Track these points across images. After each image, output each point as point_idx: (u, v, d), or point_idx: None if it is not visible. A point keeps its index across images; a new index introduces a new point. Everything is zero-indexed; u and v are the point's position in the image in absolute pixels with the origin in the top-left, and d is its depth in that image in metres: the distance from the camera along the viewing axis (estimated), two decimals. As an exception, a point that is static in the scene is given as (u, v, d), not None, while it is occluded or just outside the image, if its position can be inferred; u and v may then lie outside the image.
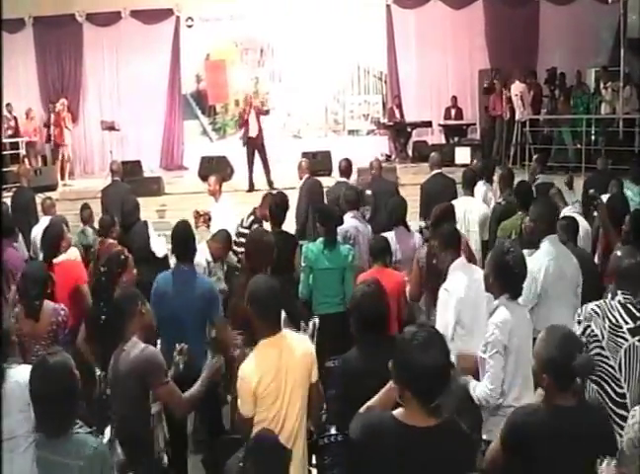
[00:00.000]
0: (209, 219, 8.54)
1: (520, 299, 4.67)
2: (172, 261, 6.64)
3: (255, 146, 15.79)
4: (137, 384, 4.32)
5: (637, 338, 4.31)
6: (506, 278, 4.49)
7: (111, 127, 17.60)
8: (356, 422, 3.28)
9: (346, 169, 9.90)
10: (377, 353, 3.73)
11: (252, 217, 8.22)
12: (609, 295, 4.57)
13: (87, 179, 18.53)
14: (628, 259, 4.55)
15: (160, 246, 8.24)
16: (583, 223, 7.34)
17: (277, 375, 4.08)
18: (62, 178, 17.37)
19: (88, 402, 4.66)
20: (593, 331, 4.36)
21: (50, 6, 18.55)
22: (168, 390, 4.40)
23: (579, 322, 4.43)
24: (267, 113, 16.54)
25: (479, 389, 4.48)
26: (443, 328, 5.15)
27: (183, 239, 5.95)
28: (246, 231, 7.68)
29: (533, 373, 3.67)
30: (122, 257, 5.86)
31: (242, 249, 6.79)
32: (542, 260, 5.56)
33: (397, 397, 3.17)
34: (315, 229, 7.69)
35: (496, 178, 9.79)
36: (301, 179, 10.11)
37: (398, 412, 3.15)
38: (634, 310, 4.39)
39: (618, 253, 4.73)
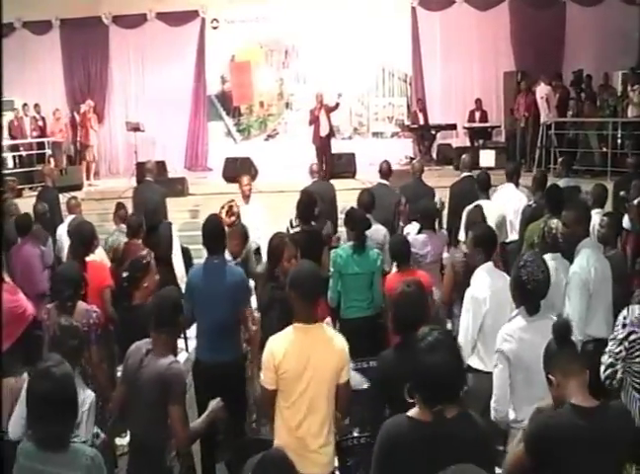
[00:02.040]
0: (237, 218, 8.46)
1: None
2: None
3: (323, 146, 15.79)
4: (161, 393, 4.25)
5: None
6: (520, 293, 4.44)
7: (136, 128, 17.69)
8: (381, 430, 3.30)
9: (387, 171, 9.92)
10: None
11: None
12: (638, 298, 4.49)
13: (112, 179, 18.69)
14: None
15: (179, 265, 8.23)
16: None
17: (301, 360, 4.15)
18: (87, 178, 17.53)
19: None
20: (639, 337, 4.29)
21: (77, 8, 18.69)
22: (180, 412, 4.26)
23: (624, 325, 4.36)
24: (336, 106, 16.26)
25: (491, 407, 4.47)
26: (464, 332, 5.21)
27: (213, 232, 6.06)
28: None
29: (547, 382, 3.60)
30: (145, 261, 5.84)
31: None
32: (590, 262, 5.53)
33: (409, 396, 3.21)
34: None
35: (522, 181, 9.75)
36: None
37: (413, 411, 3.19)
38: None
39: None
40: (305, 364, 4.15)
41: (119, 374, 5.15)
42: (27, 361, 4.30)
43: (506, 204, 8.79)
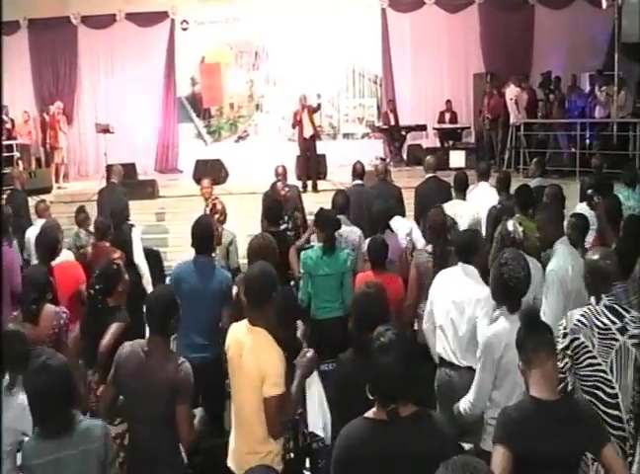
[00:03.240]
0: (221, 215, 8.40)
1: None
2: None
3: (308, 148, 15.74)
4: (167, 397, 4.22)
5: (626, 336, 4.29)
6: (501, 291, 4.47)
7: (105, 130, 17.52)
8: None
9: (360, 171, 9.93)
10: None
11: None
12: (593, 300, 4.51)
13: (82, 181, 18.53)
14: (603, 260, 4.52)
15: (144, 268, 8.20)
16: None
17: (234, 353, 4.25)
18: (57, 180, 17.37)
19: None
20: (583, 343, 4.29)
21: (45, 8, 18.53)
22: (188, 412, 4.29)
23: (564, 335, 4.36)
24: (318, 107, 16.19)
25: (463, 401, 4.50)
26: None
27: (202, 232, 6.18)
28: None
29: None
30: (114, 267, 5.76)
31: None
32: (567, 260, 5.59)
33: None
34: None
35: (491, 181, 9.80)
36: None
37: (370, 411, 3.23)
38: (620, 309, 4.38)
39: (594, 256, 4.60)
40: (236, 363, 4.22)
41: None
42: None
43: (481, 204, 8.81)
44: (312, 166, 15.63)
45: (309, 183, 15.28)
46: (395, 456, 3.10)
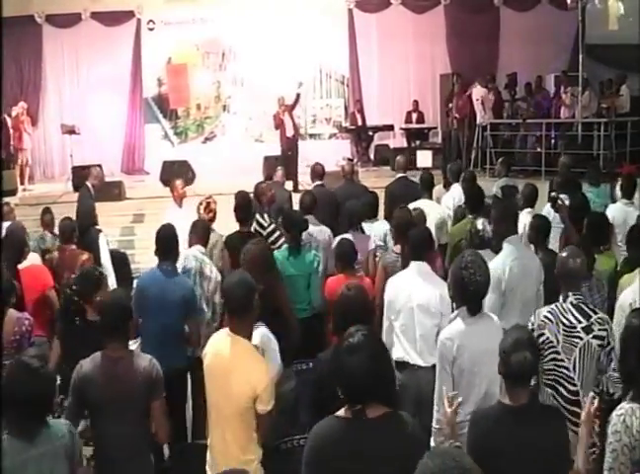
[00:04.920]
0: (214, 215, 8.16)
1: (487, 304, 4.69)
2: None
3: (290, 147, 15.77)
4: (145, 396, 4.23)
5: (591, 335, 4.37)
6: (461, 293, 4.47)
7: (71, 131, 17.35)
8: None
9: (320, 172, 9.95)
10: None
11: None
12: (561, 298, 4.57)
13: (47, 183, 18.32)
14: (573, 259, 4.58)
15: (109, 272, 8.08)
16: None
17: (214, 363, 4.17)
18: (22, 182, 17.10)
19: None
20: (548, 338, 4.39)
21: (9, 6, 18.16)
22: (164, 406, 4.33)
23: (532, 330, 4.42)
24: (297, 98, 16.25)
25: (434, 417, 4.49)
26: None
27: (165, 239, 6.12)
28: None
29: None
30: (97, 274, 5.70)
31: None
32: (506, 261, 5.63)
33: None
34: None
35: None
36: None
37: (339, 411, 3.23)
38: (587, 309, 4.46)
39: (563, 254, 4.68)
40: (217, 373, 4.15)
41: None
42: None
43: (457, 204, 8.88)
44: (293, 166, 15.63)
45: (289, 183, 15.23)
46: (363, 456, 3.09)
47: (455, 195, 9.22)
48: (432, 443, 4.36)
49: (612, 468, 3.40)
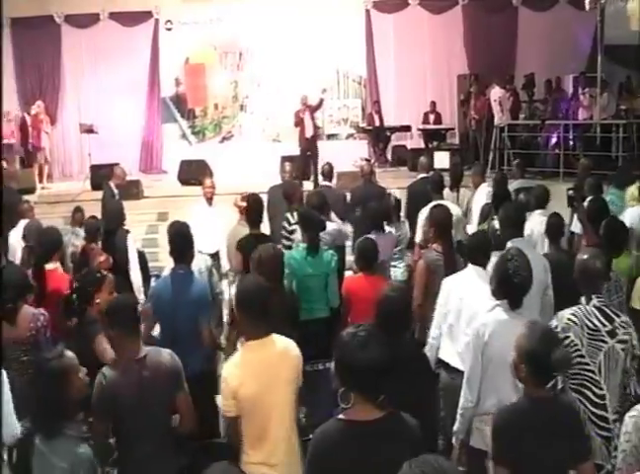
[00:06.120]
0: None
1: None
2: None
3: (309, 147, 15.85)
4: (172, 390, 4.25)
5: (615, 340, 4.34)
6: (505, 286, 4.49)
7: (89, 130, 17.48)
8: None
9: (329, 172, 9.95)
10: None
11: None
12: (584, 300, 4.54)
13: (65, 182, 18.46)
14: (592, 261, 4.56)
15: (136, 275, 8.10)
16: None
17: (260, 380, 4.05)
18: (40, 181, 17.25)
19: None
20: (573, 341, 4.34)
21: (28, 7, 18.39)
22: (188, 398, 4.34)
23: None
24: (320, 103, 16.45)
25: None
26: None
27: (179, 241, 6.04)
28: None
29: (513, 365, 3.67)
30: (98, 275, 5.68)
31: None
32: None
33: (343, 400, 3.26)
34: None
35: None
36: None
37: (343, 413, 3.24)
38: (609, 312, 4.43)
39: (583, 256, 4.65)
40: (267, 382, 4.06)
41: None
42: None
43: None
44: (313, 166, 15.64)
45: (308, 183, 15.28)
46: (370, 458, 3.11)
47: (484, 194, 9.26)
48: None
49: (620, 468, 3.42)
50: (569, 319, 4.39)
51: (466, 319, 5.16)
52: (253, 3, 18.91)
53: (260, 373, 4.06)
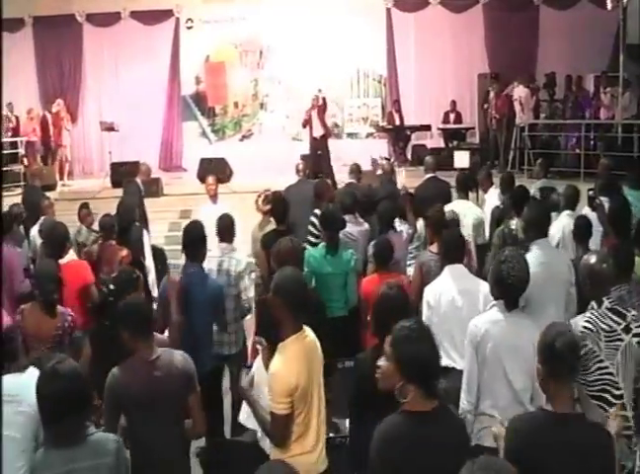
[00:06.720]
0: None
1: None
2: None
3: (317, 147, 15.83)
4: (184, 392, 4.24)
5: (630, 334, 4.31)
6: (499, 287, 4.49)
7: (110, 128, 17.58)
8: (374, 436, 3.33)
9: (356, 171, 9.95)
10: None
11: None
12: (595, 304, 4.50)
13: (86, 179, 18.57)
14: (600, 263, 4.53)
15: (151, 270, 8.14)
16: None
17: (308, 371, 4.04)
18: (61, 178, 17.40)
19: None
20: (590, 349, 4.29)
21: (50, 6, 18.53)
22: (199, 399, 4.33)
23: None
24: (324, 104, 16.32)
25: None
26: None
27: (193, 240, 6.01)
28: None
29: (536, 374, 3.56)
30: (134, 276, 5.67)
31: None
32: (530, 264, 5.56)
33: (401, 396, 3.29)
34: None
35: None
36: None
37: (404, 406, 3.28)
38: (621, 309, 4.40)
39: (592, 260, 4.58)
40: (310, 376, 4.06)
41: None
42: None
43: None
44: (323, 165, 15.64)
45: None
46: (433, 448, 3.19)
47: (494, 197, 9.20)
48: None
49: None
50: (584, 327, 4.34)
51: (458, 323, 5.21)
52: (274, 2, 18.96)
53: (307, 365, 4.04)
